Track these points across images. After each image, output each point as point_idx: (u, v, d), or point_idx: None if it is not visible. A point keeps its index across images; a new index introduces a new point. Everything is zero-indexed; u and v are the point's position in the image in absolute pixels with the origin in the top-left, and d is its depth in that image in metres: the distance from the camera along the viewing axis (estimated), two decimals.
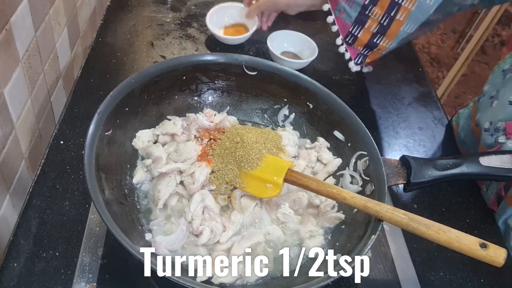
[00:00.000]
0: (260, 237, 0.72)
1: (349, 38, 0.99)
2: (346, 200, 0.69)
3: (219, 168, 0.77)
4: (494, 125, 0.90)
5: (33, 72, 0.80)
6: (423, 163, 0.75)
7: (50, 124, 0.93)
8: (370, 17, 0.93)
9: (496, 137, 0.89)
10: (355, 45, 0.99)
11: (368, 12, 0.93)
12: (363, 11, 0.94)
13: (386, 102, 1.15)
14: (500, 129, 0.88)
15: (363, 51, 1.00)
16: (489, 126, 0.91)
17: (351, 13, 0.96)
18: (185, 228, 0.70)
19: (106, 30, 1.18)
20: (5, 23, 0.67)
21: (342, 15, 0.97)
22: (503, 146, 0.87)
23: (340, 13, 0.97)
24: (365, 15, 0.94)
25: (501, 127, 0.88)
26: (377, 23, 0.93)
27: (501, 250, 0.59)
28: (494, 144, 0.89)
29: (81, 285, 0.69)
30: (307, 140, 0.89)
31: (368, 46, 0.98)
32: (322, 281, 0.61)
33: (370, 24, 0.94)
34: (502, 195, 0.90)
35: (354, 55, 1.01)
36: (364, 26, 0.95)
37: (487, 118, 0.93)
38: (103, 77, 1.04)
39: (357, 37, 0.97)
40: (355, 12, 0.95)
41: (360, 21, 0.95)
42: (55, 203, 0.78)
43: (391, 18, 0.92)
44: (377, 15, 0.92)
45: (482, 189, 0.96)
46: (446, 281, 0.79)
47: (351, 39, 0.98)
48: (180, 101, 0.88)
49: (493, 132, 0.90)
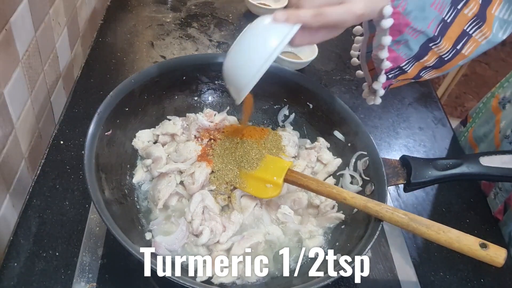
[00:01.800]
0: (260, 237, 0.72)
1: (394, 71, 0.79)
2: (346, 200, 0.69)
3: (219, 168, 0.77)
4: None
5: (33, 72, 0.80)
6: (423, 163, 0.75)
7: (50, 124, 0.92)
8: (432, 49, 0.76)
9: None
10: (398, 78, 0.81)
11: (433, 45, 0.76)
12: (427, 43, 0.76)
13: (386, 102, 1.15)
14: None
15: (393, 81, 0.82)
16: (509, 134, 0.90)
17: (413, 46, 0.76)
18: (185, 228, 0.70)
19: (106, 30, 1.18)
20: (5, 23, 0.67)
21: (398, 47, 0.77)
22: None
23: (397, 45, 0.77)
24: (428, 47, 0.76)
25: None
26: (436, 57, 0.77)
27: (501, 250, 0.59)
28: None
29: (81, 285, 0.69)
30: (307, 140, 0.89)
31: (413, 78, 0.81)
32: (322, 281, 0.61)
33: (428, 58, 0.77)
34: (510, 204, 0.88)
35: (384, 85, 0.82)
36: (419, 60, 0.78)
37: (510, 125, 0.91)
38: (103, 77, 1.04)
39: (406, 72, 0.79)
40: (418, 45, 0.76)
41: (419, 56, 0.77)
42: (55, 203, 0.78)
43: (456, 52, 0.76)
44: (443, 48, 0.76)
45: (489, 196, 0.95)
46: (446, 281, 0.79)
47: (397, 73, 0.79)
48: (180, 101, 0.88)
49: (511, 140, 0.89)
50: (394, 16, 0.72)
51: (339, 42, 1.30)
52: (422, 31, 0.74)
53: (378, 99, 0.82)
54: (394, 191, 0.93)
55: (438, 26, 0.74)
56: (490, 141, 0.98)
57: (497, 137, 0.95)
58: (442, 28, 0.74)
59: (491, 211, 0.92)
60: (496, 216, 0.91)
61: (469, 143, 1.05)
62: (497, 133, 0.96)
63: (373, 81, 0.80)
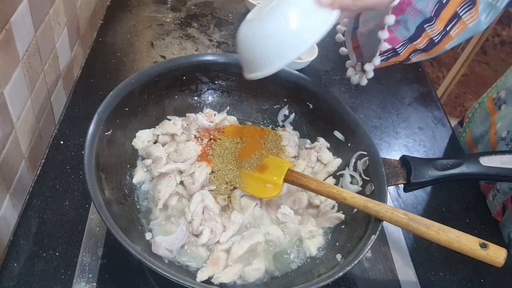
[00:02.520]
0: (260, 237, 0.72)
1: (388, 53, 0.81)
2: (346, 200, 0.69)
3: (219, 168, 0.77)
4: (510, 135, 0.88)
5: (33, 72, 0.80)
6: (423, 163, 0.75)
7: (50, 124, 0.92)
8: (425, 31, 0.79)
9: (511, 147, 0.87)
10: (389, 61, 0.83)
11: (428, 26, 0.79)
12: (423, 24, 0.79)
13: (386, 102, 1.15)
14: None
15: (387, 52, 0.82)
16: (506, 136, 0.90)
17: (410, 26, 0.79)
18: (185, 228, 0.70)
19: (106, 30, 1.18)
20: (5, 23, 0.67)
21: (397, 28, 0.80)
22: None
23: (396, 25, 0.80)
24: (422, 28, 0.79)
25: None
26: (428, 39, 0.80)
27: (501, 250, 0.59)
28: None
29: (81, 285, 0.69)
30: (307, 140, 0.89)
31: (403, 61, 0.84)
32: (322, 281, 0.61)
33: (421, 40, 0.80)
34: (508, 206, 0.88)
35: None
36: (412, 42, 0.80)
37: (505, 127, 0.91)
38: (103, 77, 1.04)
39: (398, 54, 0.81)
40: (414, 26, 0.79)
41: (413, 38, 0.80)
42: (55, 203, 0.78)
43: (445, 34, 0.79)
44: (435, 29, 0.79)
45: (488, 198, 0.95)
46: (446, 281, 0.79)
47: (390, 55, 0.82)
48: (180, 101, 0.88)
49: (508, 142, 0.88)
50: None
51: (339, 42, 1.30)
52: (421, 11, 0.77)
53: (365, 80, 0.83)
54: (394, 191, 0.93)
55: (435, 6, 0.76)
56: (486, 142, 0.98)
57: (492, 138, 0.96)
58: (438, 8, 0.76)
59: (491, 213, 0.92)
60: (495, 218, 0.91)
61: (467, 144, 1.05)
62: (492, 134, 0.96)
63: (357, 59, 0.81)
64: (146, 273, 0.71)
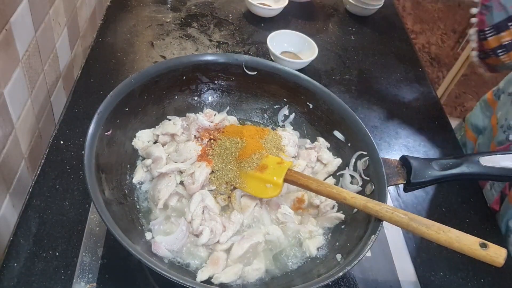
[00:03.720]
0: (260, 237, 0.72)
1: (481, 35, 0.97)
2: (346, 200, 0.69)
3: (219, 168, 0.77)
4: (508, 122, 0.90)
5: (33, 72, 0.80)
6: (423, 163, 0.75)
7: (50, 124, 0.93)
8: (509, 29, 0.92)
9: (507, 134, 0.89)
10: (484, 43, 0.98)
11: (511, 24, 0.92)
12: (506, 21, 0.92)
13: (386, 102, 1.15)
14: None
15: (489, 52, 0.98)
16: (504, 123, 0.91)
17: (495, 17, 0.95)
18: (185, 228, 0.70)
19: (106, 30, 1.18)
20: (5, 23, 0.67)
21: (486, 13, 0.95)
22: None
23: (486, 10, 0.95)
24: (506, 25, 0.93)
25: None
26: (511, 38, 0.92)
27: (501, 250, 0.59)
28: (504, 141, 0.89)
29: (81, 285, 0.69)
30: (307, 140, 0.89)
31: (492, 51, 0.97)
32: (322, 281, 0.61)
33: (505, 35, 0.93)
34: (506, 193, 0.90)
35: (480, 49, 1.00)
36: (498, 34, 0.94)
37: (504, 115, 0.93)
38: (103, 77, 1.04)
39: (487, 39, 0.97)
40: (499, 18, 0.94)
41: (498, 28, 0.94)
42: (55, 203, 0.78)
43: None
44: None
45: (485, 188, 0.96)
46: (446, 281, 0.79)
47: (481, 36, 0.98)
48: (180, 101, 0.88)
49: (505, 129, 0.90)
50: None
51: (339, 42, 1.31)
52: (504, 8, 0.92)
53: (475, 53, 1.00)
54: (394, 191, 0.93)
55: None
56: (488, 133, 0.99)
57: (494, 127, 0.98)
58: None
59: (488, 203, 0.93)
60: (493, 208, 0.92)
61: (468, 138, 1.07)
62: (494, 123, 0.98)
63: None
64: (146, 273, 0.71)
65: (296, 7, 1.40)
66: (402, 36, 1.40)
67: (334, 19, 1.41)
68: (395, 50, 1.34)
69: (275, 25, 1.30)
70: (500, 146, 0.90)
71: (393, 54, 1.32)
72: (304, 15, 1.39)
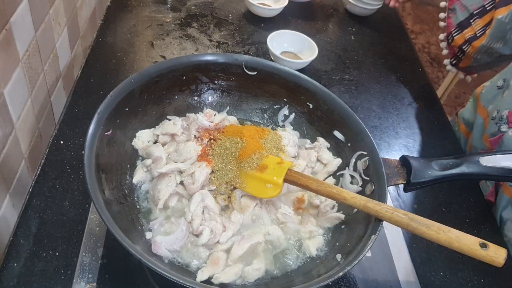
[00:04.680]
0: (260, 237, 0.72)
1: (450, 37, 1.13)
2: (346, 200, 0.69)
3: (219, 168, 0.77)
4: (499, 114, 0.90)
5: (33, 72, 0.80)
6: (423, 163, 0.75)
7: (50, 124, 0.92)
8: (471, 25, 1.07)
9: (499, 125, 0.90)
10: (452, 44, 1.13)
11: (472, 21, 1.07)
12: (469, 19, 1.07)
13: (386, 102, 1.15)
14: (504, 117, 0.90)
15: (458, 53, 1.13)
16: (496, 115, 0.92)
17: (459, 16, 1.10)
18: (185, 228, 0.70)
19: (106, 30, 1.18)
20: (5, 23, 0.67)
21: (453, 16, 1.11)
22: (504, 135, 0.88)
23: (452, 13, 1.11)
24: (468, 22, 1.07)
25: (504, 115, 0.90)
26: (473, 33, 1.07)
27: (501, 250, 0.59)
28: (496, 132, 0.90)
29: (81, 285, 0.69)
30: (307, 140, 0.89)
31: (459, 49, 1.12)
32: (322, 281, 0.61)
33: (468, 31, 1.07)
34: (500, 184, 0.91)
35: (451, 55, 1.16)
36: (462, 31, 1.09)
37: (496, 107, 0.95)
38: (103, 77, 1.04)
39: (454, 39, 1.11)
40: (462, 17, 1.08)
41: (462, 26, 1.09)
42: (55, 203, 0.78)
43: (483, 33, 1.05)
44: (477, 25, 1.06)
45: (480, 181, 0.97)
46: (446, 281, 0.79)
47: (451, 39, 1.13)
48: (180, 101, 0.88)
49: (497, 121, 0.91)
50: None
51: (339, 42, 1.31)
52: (466, 7, 1.08)
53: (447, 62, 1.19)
54: (394, 191, 0.93)
55: (479, 9, 1.05)
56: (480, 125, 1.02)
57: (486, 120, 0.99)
58: (482, 11, 1.05)
59: (483, 195, 0.93)
60: (488, 199, 0.93)
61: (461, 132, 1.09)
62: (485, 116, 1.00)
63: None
64: (146, 273, 0.71)
65: (296, 7, 1.40)
66: (402, 36, 1.41)
67: (334, 19, 1.41)
68: (395, 50, 1.34)
69: (275, 25, 1.30)
70: (492, 138, 0.91)
71: (393, 54, 1.32)
72: (304, 15, 1.39)
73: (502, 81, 0.98)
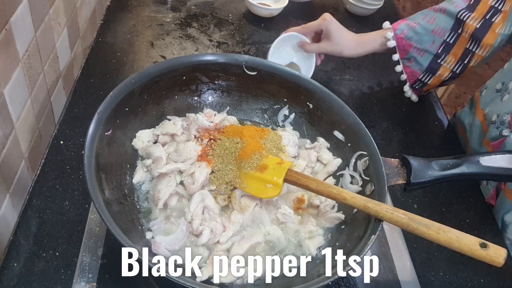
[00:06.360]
0: (260, 237, 0.72)
1: (417, 84, 1.04)
2: (346, 200, 0.69)
3: (219, 168, 0.77)
4: (500, 118, 0.90)
5: (33, 72, 0.80)
6: (423, 163, 0.75)
7: (50, 124, 0.92)
8: (442, 65, 0.97)
9: (501, 130, 0.89)
10: (424, 89, 1.06)
11: (441, 60, 0.97)
12: (435, 60, 0.98)
13: (386, 102, 1.15)
14: (506, 122, 0.89)
15: (423, 79, 1.04)
16: (496, 119, 0.92)
17: (422, 62, 1.00)
18: (185, 228, 0.70)
19: (106, 30, 1.18)
20: (5, 23, 0.67)
21: (411, 64, 1.01)
22: (506, 139, 0.87)
23: (410, 62, 1.01)
24: (437, 63, 0.98)
25: (506, 120, 0.89)
26: (449, 72, 0.98)
27: (501, 250, 0.59)
28: (498, 137, 0.90)
29: (81, 285, 0.69)
30: (307, 140, 0.89)
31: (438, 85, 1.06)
32: (322, 281, 0.61)
33: (442, 72, 0.98)
34: (501, 188, 0.90)
35: (420, 94, 1.10)
36: (435, 74, 1.00)
37: (495, 111, 0.94)
38: (103, 77, 1.04)
39: (427, 84, 1.03)
40: (427, 61, 0.99)
41: (431, 70, 0.99)
42: (55, 203, 0.78)
43: (465, 66, 0.97)
44: (450, 63, 0.97)
45: (482, 183, 0.96)
46: (446, 281, 0.79)
47: (419, 85, 1.05)
48: (180, 101, 0.88)
49: (498, 125, 0.91)
50: (398, 40, 1.00)
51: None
52: (426, 50, 0.98)
53: (414, 97, 1.11)
54: (394, 191, 0.93)
55: (441, 46, 0.97)
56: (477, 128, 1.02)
57: (483, 123, 0.99)
58: (446, 47, 0.97)
59: (484, 198, 0.93)
60: (489, 202, 0.92)
61: (460, 134, 1.08)
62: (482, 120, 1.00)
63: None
64: None
65: (296, 7, 1.40)
66: None
67: None
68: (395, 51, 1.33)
69: (275, 25, 1.30)
70: (494, 142, 0.91)
71: None
72: (304, 15, 1.39)
73: (500, 84, 0.95)
